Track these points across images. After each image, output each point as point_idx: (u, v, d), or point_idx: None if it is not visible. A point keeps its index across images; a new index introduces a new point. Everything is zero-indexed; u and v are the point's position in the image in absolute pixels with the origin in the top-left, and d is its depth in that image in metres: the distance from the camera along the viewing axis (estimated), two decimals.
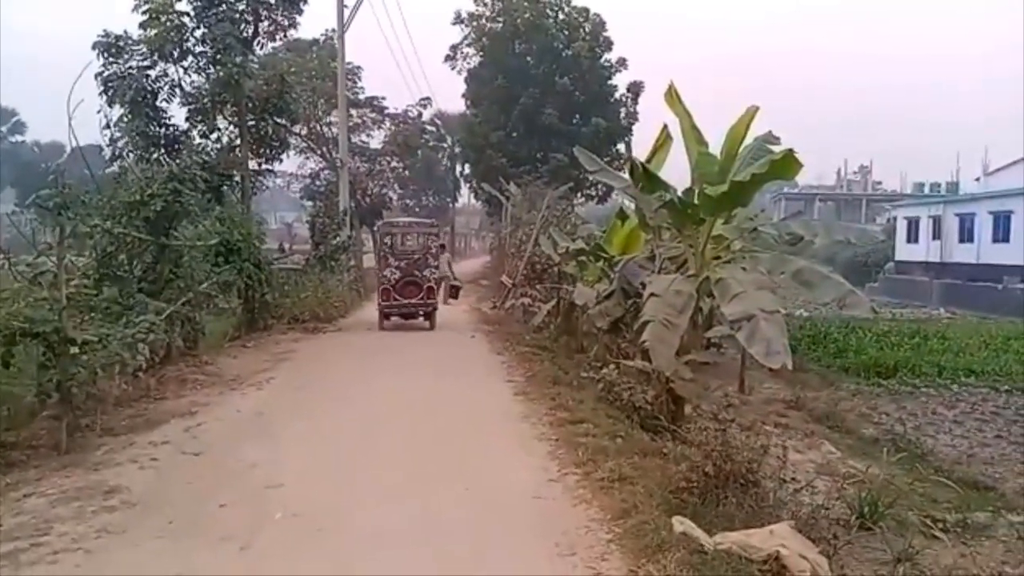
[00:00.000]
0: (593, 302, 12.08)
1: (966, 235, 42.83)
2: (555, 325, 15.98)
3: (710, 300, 8.83)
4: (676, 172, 9.78)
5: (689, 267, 9.05)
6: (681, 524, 5.14)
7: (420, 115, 41.18)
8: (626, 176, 10.19)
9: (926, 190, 63.52)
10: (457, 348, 14.85)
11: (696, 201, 8.65)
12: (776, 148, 9.00)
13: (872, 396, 14.65)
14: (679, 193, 8.88)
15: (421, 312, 17.74)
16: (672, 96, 9.14)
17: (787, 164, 7.88)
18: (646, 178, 9.09)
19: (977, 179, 47.42)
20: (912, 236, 47.92)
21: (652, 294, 7.99)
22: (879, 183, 79.08)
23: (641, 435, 7.97)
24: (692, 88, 8.99)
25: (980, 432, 11.83)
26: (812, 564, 4.97)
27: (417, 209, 51.82)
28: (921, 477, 8.54)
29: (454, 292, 24.33)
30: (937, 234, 45.24)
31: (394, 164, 40.78)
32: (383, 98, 38.76)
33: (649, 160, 10.16)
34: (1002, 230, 39.76)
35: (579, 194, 34.23)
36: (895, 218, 51.64)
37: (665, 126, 10.28)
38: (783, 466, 6.63)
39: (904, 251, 48.03)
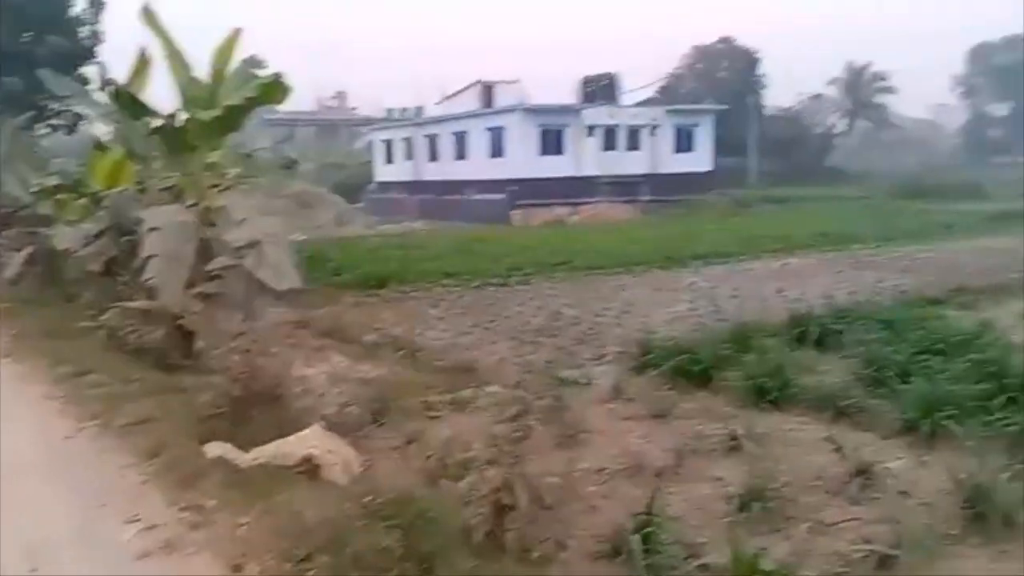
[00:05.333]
0: (80, 244, 11.02)
1: (434, 155, 48.02)
2: (35, 275, 14.13)
3: (213, 229, 8.76)
4: (158, 98, 9.31)
5: (187, 197, 8.83)
6: (218, 448, 5.27)
7: None
8: (107, 102, 9.39)
9: (396, 115, 68.86)
10: None
11: (187, 127, 8.41)
12: (262, 72, 9.12)
13: (370, 307, 15.96)
14: (168, 119, 8.53)
15: None
16: (149, 16, 8.61)
17: (276, 88, 8.10)
18: (131, 103, 8.53)
19: (438, 103, 52.79)
20: (388, 158, 52.10)
21: (152, 228, 7.67)
22: (354, 109, 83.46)
23: (157, 375, 7.73)
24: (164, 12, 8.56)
25: (460, 324, 13.76)
26: (342, 458, 5.54)
27: None
28: (418, 368, 9.79)
29: None
30: (410, 155, 49.90)
31: None
32: None
33: (129, 85, 9.49)
34: (461, 148, 45.52)
35: (42, 124, 29.94)
36: (372, 141, 55.47)
37: (143, 49, 9.66)
38: (304, 378, 7.07)
39: (383, 172, 52.01)
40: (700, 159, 45.70)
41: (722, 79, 61.04)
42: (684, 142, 45.27)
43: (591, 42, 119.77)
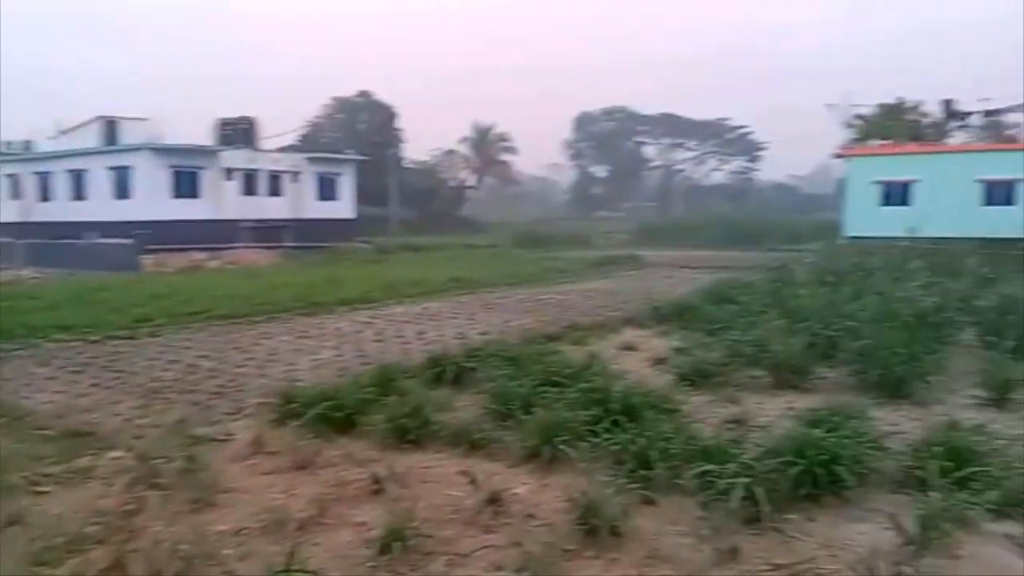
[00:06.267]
0: None
1: (47, 194, 42.85)
2: None
3: None
4: None
5: None
6: None
7: None
8: None
9: (2, 148, 60.34)
10: None
11: None
12: None
13: None
14: None
15: None
16: None
17: None
18: None
19: (51, 138, 47.31)
20: None
21: None
22: None
23: None
24: None
25: (76, 384, 12.29)
26: None
27: None
28: (22, 438, 8.57)
29: None
30: (16, 194, 44.07)
31: None
32: None
33: None
34: (80, 188, 41.18)
35: None
36: None
37: None
38: None
39: None
40: (343, 207, 46.46)
41: (362, 130, 62.84)
42: (327, 190, 45.73)
43: (226, 82, 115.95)
